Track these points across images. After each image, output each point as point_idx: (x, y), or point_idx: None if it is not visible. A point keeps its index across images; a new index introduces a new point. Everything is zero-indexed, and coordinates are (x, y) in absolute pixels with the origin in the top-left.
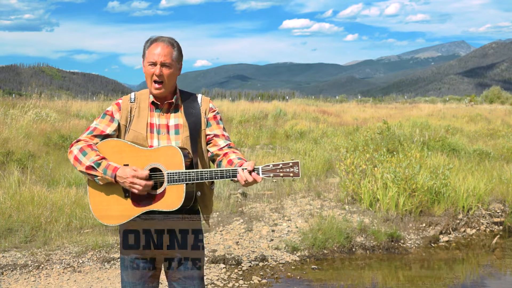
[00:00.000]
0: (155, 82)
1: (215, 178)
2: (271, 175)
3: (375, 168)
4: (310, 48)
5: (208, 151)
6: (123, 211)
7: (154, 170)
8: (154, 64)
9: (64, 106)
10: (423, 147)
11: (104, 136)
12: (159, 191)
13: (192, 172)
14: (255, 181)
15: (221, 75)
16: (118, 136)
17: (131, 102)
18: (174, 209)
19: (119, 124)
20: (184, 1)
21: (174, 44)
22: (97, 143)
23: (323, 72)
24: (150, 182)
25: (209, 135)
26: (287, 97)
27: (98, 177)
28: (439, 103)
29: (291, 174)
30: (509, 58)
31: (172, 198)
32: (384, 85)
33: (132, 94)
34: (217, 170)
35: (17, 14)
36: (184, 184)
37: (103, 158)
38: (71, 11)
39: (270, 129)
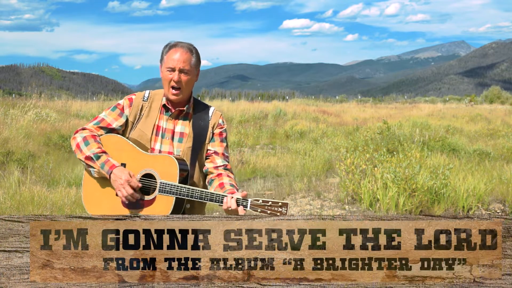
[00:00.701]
0: (173, 88)
1: (204, 200)
2: (259, 210)
3: (375, 168)
4: (310, 48)
5: (204, 165)
6: (111, 208)
7: (148, 175)
8: (173, 70)
9: (64, 106)
10: (423, 147)
11: (110, 130)
12: (149, 197)
13: (184, 187)
14: (237, 212)
15: (221, 75)
16: (124, 131)
17: (143, 100)
18: None
19: (127, 120)
20: (184, 1)
21: (192, 50)
22: (101, 135)
23: (323, 72)
24: (137, 195)
25: (209, 150)
26: (287, 97)
27: (95, 170)
28: (439, 103)
29: (278, 214)
30: (509, 58)
31: (160, 207)
32: (384, 85)
33: (147, 92)
34: (208, 192)
35: (17, 14)
36: (174, 197)
37: (104, 152)
38: (71, 11)
39: (270, 129)
